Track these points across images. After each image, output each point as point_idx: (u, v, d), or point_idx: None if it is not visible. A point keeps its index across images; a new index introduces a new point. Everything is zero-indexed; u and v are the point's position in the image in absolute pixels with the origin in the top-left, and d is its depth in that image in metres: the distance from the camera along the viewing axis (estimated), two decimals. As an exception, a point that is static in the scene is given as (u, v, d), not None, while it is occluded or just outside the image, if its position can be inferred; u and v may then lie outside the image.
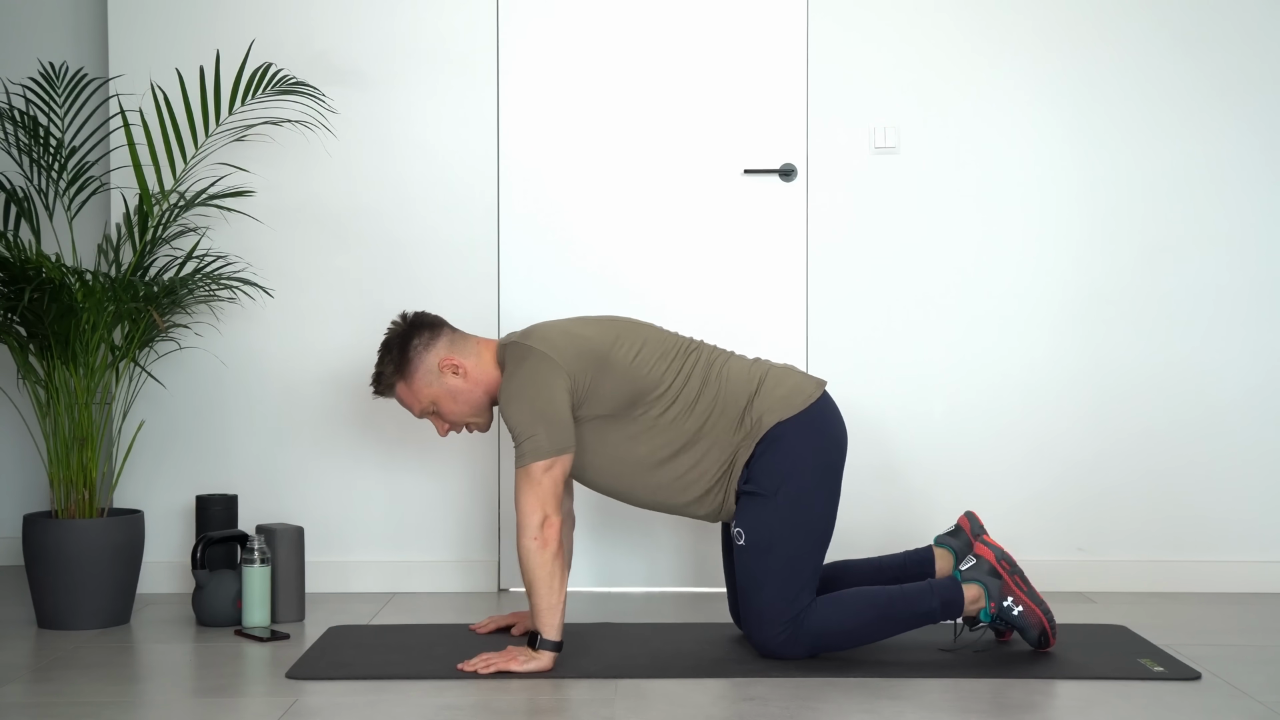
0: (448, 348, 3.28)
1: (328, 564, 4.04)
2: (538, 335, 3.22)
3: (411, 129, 4.06)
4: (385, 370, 3.30)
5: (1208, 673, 3.14)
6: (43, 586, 3.60)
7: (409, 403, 3.31)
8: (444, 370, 3.26)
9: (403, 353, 3.27)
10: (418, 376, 3.27)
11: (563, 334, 3.22)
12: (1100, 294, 4.09)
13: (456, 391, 3.28)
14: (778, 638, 3.18)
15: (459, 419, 3.32)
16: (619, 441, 3.25)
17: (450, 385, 3.27)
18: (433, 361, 3.26)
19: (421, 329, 3.30)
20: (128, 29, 4.04)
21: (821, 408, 3.27)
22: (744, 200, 4.08)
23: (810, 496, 3.22)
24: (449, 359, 3.26)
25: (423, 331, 3.29)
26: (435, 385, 3.27)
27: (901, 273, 4.09)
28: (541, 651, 3.12)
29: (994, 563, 3.25)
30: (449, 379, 3.27)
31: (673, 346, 3.29)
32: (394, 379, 3.29)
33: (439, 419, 3.32)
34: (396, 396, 3.32)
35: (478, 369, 3.28)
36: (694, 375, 3.26)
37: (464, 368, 3.27)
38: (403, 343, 3.28)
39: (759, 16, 4.06)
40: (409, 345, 3.27)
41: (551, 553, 3.11)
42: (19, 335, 3.64)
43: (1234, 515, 4.08)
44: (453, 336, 3.31)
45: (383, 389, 3.32)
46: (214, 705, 2.94)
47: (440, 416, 3.31)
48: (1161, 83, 4.07)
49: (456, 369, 3.26)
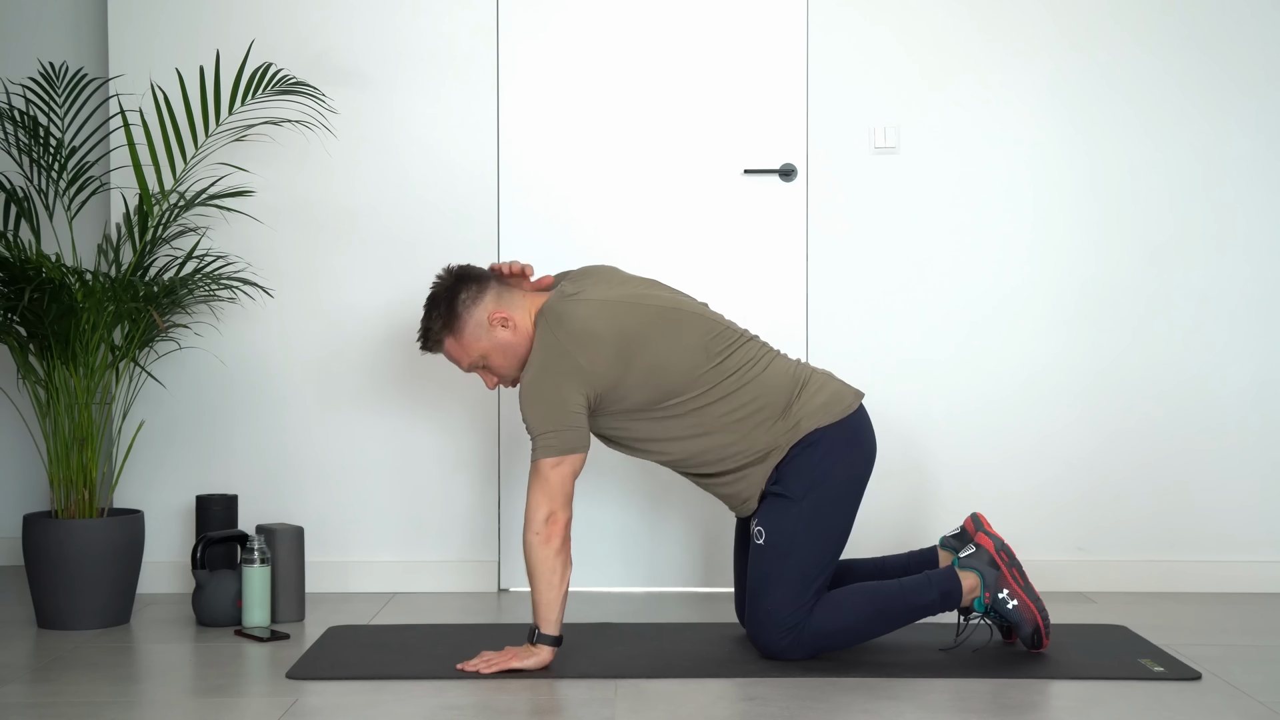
0: (495, 300, 3.21)
1: (328, 564, 4.04)
2: (566, 326, 3.14)
3: (412, 129, 4.06)
4: (433, 325, 3.22)
5: (1208, 673, 3.14)
6: (43, 586, 3.60)
7: (457, 357, 3.24)
8: (494, 324, 3.20)
9: (450, 307, 3.20)
10: (467, 330, 3.20)
11: (587, 333, 3.13)
12: (1099, 292, 4.09)
13: (506, 345, 3.21)
14: (781, 640, 3.18)
15: (508, 372, 3.25)
16: (645, 424, 3.23)
17: (500, 339, 3.20)
18: (481, 315, 3.20)
19: (468, 281, 3.22)
20: (128, 29, 4.03)
21: (859, 418, 3.27)
22: (744, 200, 4.08)
23: (835, 506, 3.22)
24: (498, 312, 3.20)
25: (469, 284, 3.22)
26: (485, 339, 3.20)
27: (901, 272, 4.09)
28: (540, 646, 3.11)
29: (993, 553, 3.25)
30: (499, 332, 3.20)
31: (715, 339, 3.22)
32: (442, 334, 3.22)
33: (488, 373, 3.26)
34: (445, 352, 3.25)
35: (525, 323, 3.21)
36: (732, 375, 3.21)
37: (513, 321, 3.20)
38: (450, 296, 3.21)
39: (759, 17, 4.06)
40: (456, 299, 3.20)
41: (554, 548, 3.10)
42: (19, 335, 3.64)
43: (1234, 515, 4.08)
44: (499, 289, 3.23)
45: (430, 344, 3.25)
46: (214, 705, 2.94)
47: (490, 370, 3.26)
48: (1158, 83, 4.07)
49: (506, 321, 3.20)
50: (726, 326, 3.28)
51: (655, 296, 3.27)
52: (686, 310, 3.26)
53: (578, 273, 3.37)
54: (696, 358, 3.19)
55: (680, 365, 3.18)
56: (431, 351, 3.29)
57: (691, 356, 3.19)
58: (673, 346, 3.18)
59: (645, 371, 3.16)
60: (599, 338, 3.14)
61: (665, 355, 3.17)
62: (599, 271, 3.36)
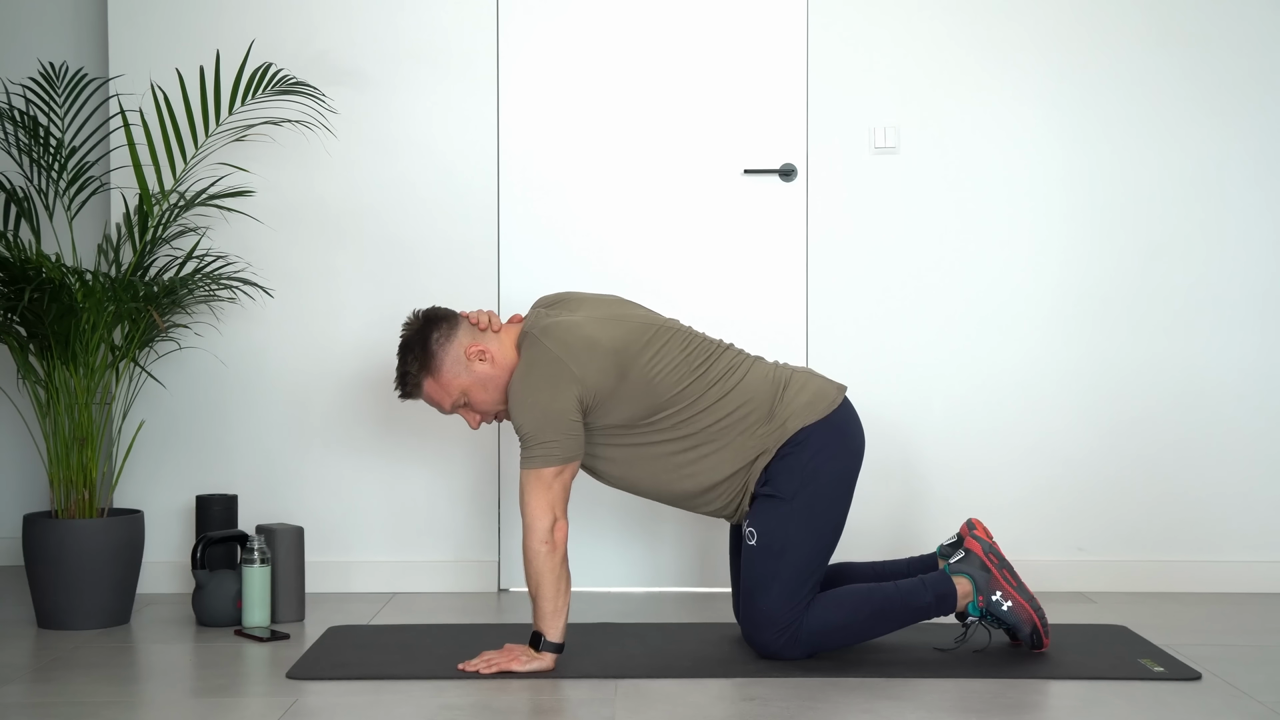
0: (469, 335, 3.20)
1: (328, 564, 4.04)
2: (558, 336, 3.15)
3: (411, 129, 4.06)
4: (410, 369, 3.20)
5: (1208, 673, 3.14)
6: (43, 586, 3.59)
7: (438, 399, 3.22)
8: (471, 358, 3.18)
9: (425, 347, 3.18)
10: (445, 368, 3.18)
11: (583, 342, 3.14)
12: (1098, 292, 4.09)
13: (486, 379, 3.19)
14: (778, 640, 3.18)
15: (490, 407, 3.23)
16: (631, 444, 3.23)
17: (479, 372, 3.19)
18: (458, 351, 3.18)
19: (438, 321, 3.21)
20: (128, 29, 4.04)
21: (844, 413, 3.27)
22: (744, 200, 4.08)
23: (826, 503, 3.22)
24: (474, 346, 3.18)
25: (440, 324, 3.20)
26: (464, 375, 3.19)
27: (901, 272, 4.09)
28: (544, 653, 3.12)
29: (982, 556, 3.26)
30: (477, 366, 3.18)
31: (695, 353, 3.24)
32: (421, 376, 3.19)
33: (470, 411, 3.24)
34: (424, 395, 3.23)
35: (502, 354, 3.19)
36: (714, 385, 3.22)
37: (489, 353, 3.19)
38: (423, 338, 3.19)
39: (759, 17, 4.06)
40: (430, 339, 3.19)
41: (561, 557, 3.11)
42: (19, 335, 3.64)
43: (1234, 515, 4.08)
44: (470, 327, 3.22)
45: (409, 390, 3.23)
46: (214, 705, 2.94)
47: (471, 408, 3.23)
48: (1157, 84, 4.07)
49: (483, 355, 3.18)
50: (702, 339, 3.29)
51: (633, 315, 3.27)
52: (664, 326, 3.26)
53: (550, 299, 3.38)
54: (681, 371, 3.20)
55: (668, 379, 3.19)
56: (411, 397, 3.24)
57: (676, 370, 3.20)
58: (659, 360, 3.19)
59: (635, 384, 3.16)
60: (593, 347, 3.14)
61: (653, 368, 3.18)
62: (572, 297, 3.36)
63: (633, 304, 3.37)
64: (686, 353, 3.23)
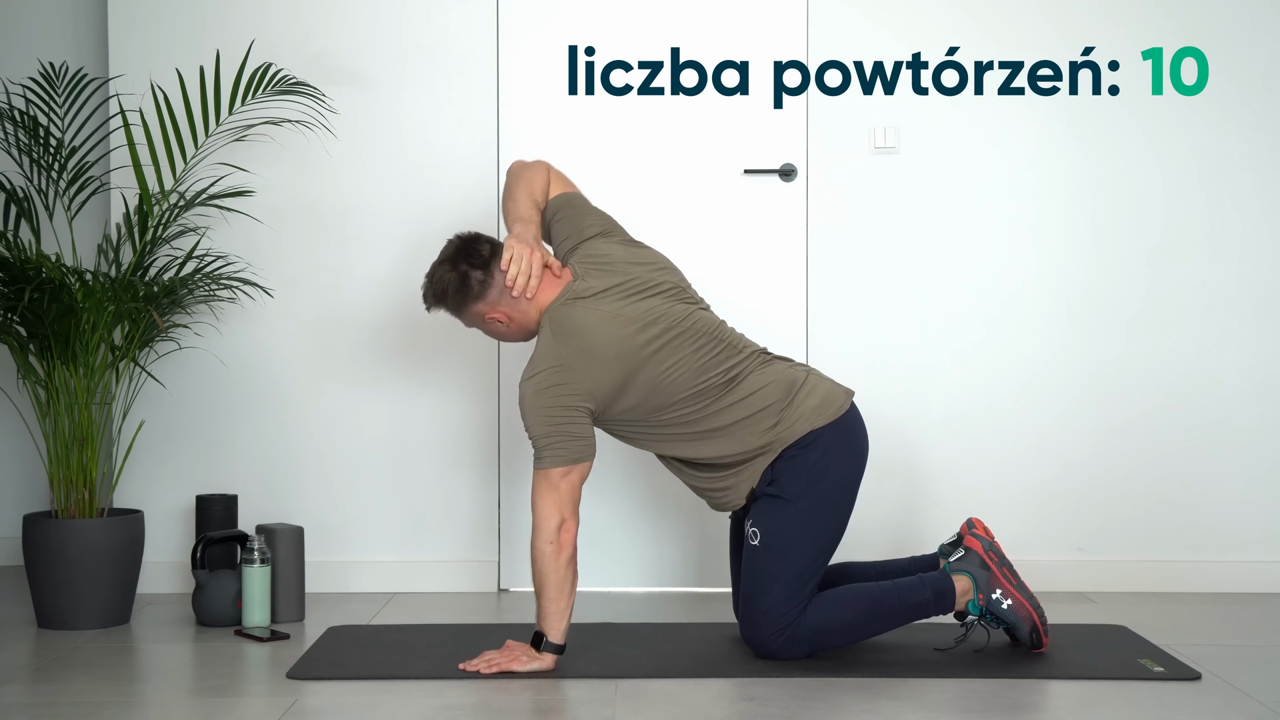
0: (496, 299, 3.26)
1: (328, 564, 4.03)
2: (570, 341, 3.17)
3: (412, 129, 4.06)
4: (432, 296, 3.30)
5: (1208, 673, 3.14)
6: (43, 586, 3.60)
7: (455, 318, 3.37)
8: (490, 320, 3.30)
9: (454, 292, 3.27)
10: (462, 314, 3.31)
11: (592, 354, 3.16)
12: (1098, 292, 4.09)
13: (501, 333, 3.34)
14: (777, 639, 3.18)
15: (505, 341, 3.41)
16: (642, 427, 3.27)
17: (495, 329, 3.33)
18: (479, 309, 3.28)
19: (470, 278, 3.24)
20: (128, 29, 4.04)
21: (851, 418, 3.28)
22: (744, 200, 4.08)
23: (830, 506, 3.23)
24: (494, 312, 3.27)
25: (471, 281, 3.24)
26: (479, 324, 3.33)
27: (901, 272, 4.09)
28: (545, 653, 3.13)
29: (982, 554, 3.26)
30: (493, 325, 3.31)
31: (706, 353, 3.24)
32: (440, 306, 3.31)
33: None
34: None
35: (524, 318, 3.28)
36: (727, 383, 3.23)
37: (511, 318, 3.29)
38: (455, 286, 3.25)
39: (759, 16, 4.06)
40: (457, 288, 3.26)
41: (567, 558, 3.13)
42: (19, 335, 3.65)
43: (1234, 514, 4.08)
44: (503, 289, 3.25)
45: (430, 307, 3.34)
46: (214, 705, 2.94)
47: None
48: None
49: (502, 318, 3.28)
50: (714, 336, 3.28)
51: (665, 312, 3.25)
52: (690, 328, 3.25)
53: (591, 258, 3.33)
54: (695, 376, 3.22)
55: (679, 384, 3.21)
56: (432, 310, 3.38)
57: (691, 376, 3.22)
58: (673, 367, 3.21)
59: (644, 389, 3.20)
60: (604, 362, 3.17)
61: (665, 375, 3.20)
62: (608, 260, 3.32)
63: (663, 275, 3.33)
64: (698, 356, 3.23)
